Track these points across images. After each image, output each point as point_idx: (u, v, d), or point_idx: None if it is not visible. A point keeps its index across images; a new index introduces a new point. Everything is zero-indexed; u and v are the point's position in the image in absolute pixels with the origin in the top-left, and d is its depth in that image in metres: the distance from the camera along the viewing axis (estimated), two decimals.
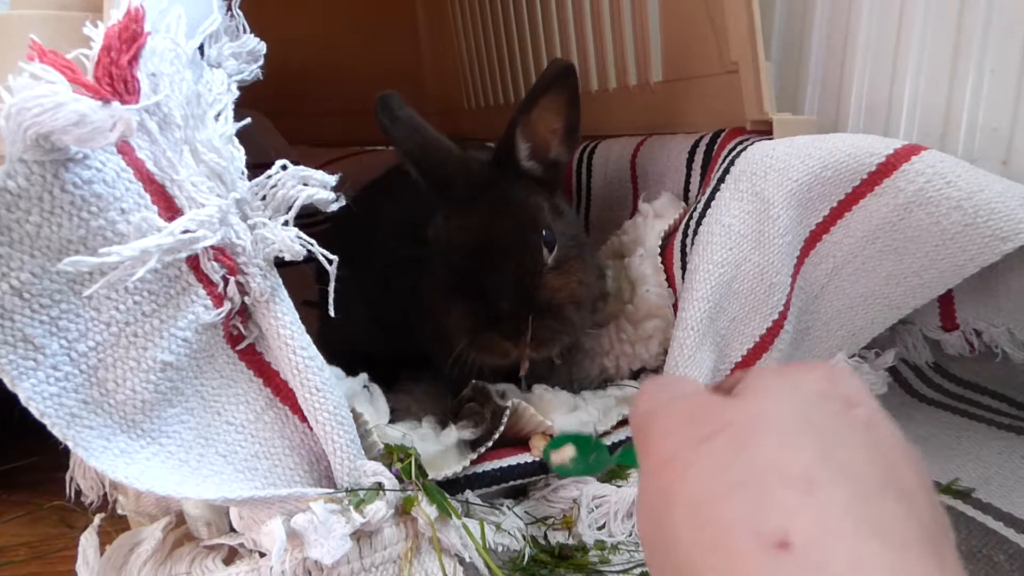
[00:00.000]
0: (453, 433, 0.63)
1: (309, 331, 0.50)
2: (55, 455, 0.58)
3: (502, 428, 0.63)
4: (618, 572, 0.59)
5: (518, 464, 0.65)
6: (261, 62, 0.56)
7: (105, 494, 0.61)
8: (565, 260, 0.70)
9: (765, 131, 0.76)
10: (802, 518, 0.22)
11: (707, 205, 0.70)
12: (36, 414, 0.37)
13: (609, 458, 0.63)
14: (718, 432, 0.26)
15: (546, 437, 0.65)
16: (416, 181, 0.74)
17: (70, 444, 0.38)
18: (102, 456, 0.39)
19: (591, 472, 0.63)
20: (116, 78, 0.36)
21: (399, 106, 0.75)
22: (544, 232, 0.68)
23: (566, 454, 0.60)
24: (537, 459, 0.64)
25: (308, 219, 0.87)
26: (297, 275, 0.75)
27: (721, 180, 0.70)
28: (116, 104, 0.33)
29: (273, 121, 1.50)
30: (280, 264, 0.49)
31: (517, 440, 0.68)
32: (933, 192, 0.61)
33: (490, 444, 0.62)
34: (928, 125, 0.77)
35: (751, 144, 0.71)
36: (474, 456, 0.61)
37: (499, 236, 0.68)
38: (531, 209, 0.70)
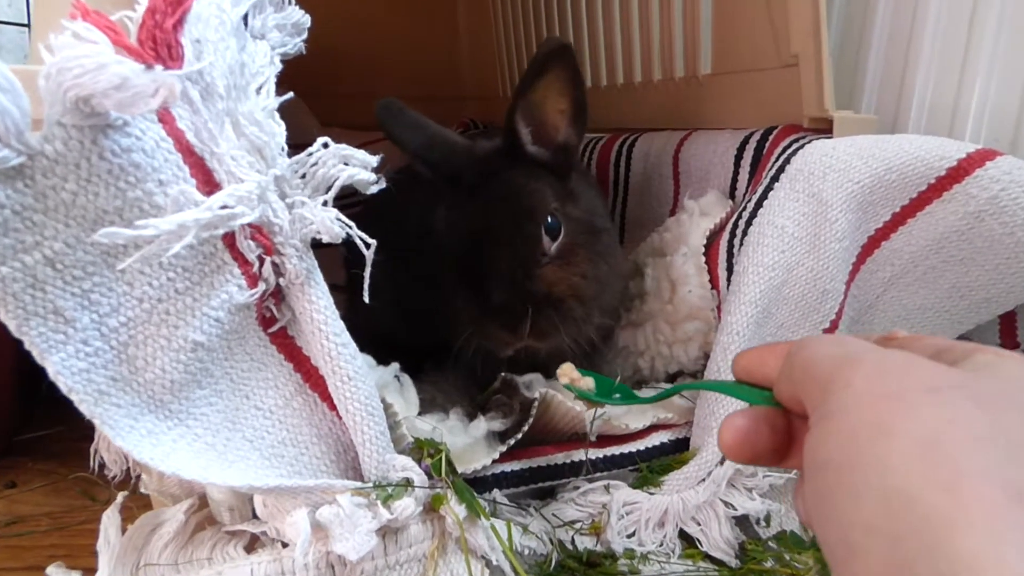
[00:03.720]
0: (482, 425, 0.61)
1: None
2: (81, 426, 0.57)
3: (531, 420, 0.61)
4: None
5: (548, 465, 0.63)
6: (305, 35, 0.54)
7: (128, 468, 0.61)
8: (570, 250, 0.68)
9: (823, 129, 0.72)
10: None
11: (759, 204, 0.67)
12: (64, 389, 0.35)
13: (636, 397, 0.58)
14: (953, 389, 0.25)
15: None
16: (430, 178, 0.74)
17: (97, 422, 0.36)
18: (128, 436, 0.38)
19: (610, 401, 0.58)
20: (160, 42, 0.34)
21: (400, 109, 0.75)
22: (549, 219, 0.66)
23: (586, 383, 0.58)
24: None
25: (340, 201, 0.86)
26: (325, 258, 0.74)
27: (775, 179, 0.67)
28: (159, 68, 0.31)
29: (308, 102, 1.49)
30: (311, 246, 0.47)
31: (548, 435, 0.66)
32: (1008, 201, 0.57)
33: (519, 436, 0.60)
34: (998, 129, 0.72)
35: (809, 142, 0.67)
36: (503, 448, 0.59)
37: (495, 225, 0.66)
38: (530, 196, 0.68)
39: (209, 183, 0.39)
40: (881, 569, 0.22)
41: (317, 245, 0.47)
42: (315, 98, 1.51)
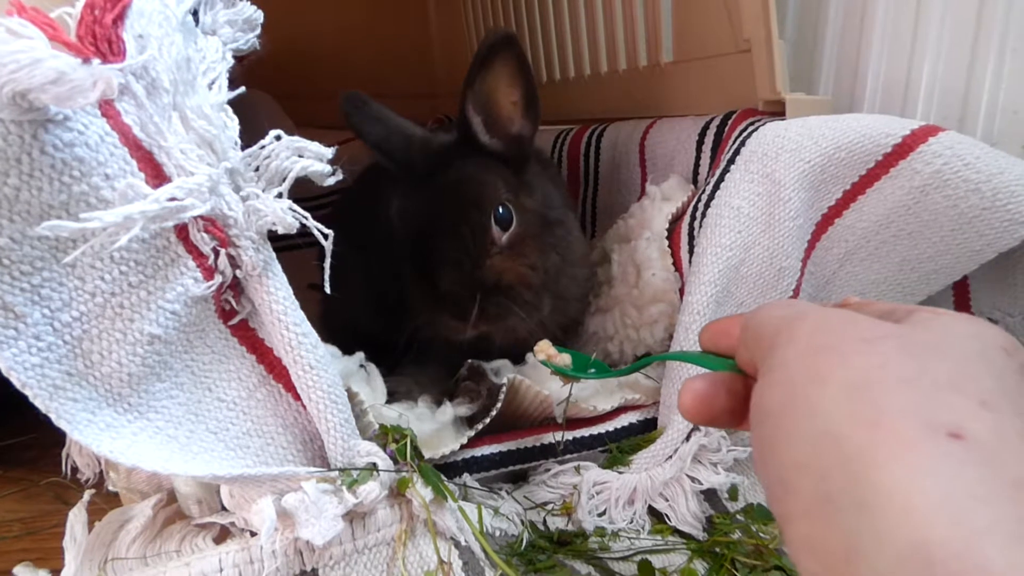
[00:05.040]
0: (449, 410, 0.62)
1: (313, 314, 0.49)
2: (52, 432, 0.57)
3: (499, 405, 0.62)
4: (617, 559, 0.58)
5: (518, 449, 0.64)
6: (258, 31, 0.54)
7: (101, 472, 0.61)
8: (521, 240, 0.69)
9: (778, 112, 0.74)
10: (977, 423, 0.22)
11: (716, 187, 0.68)
12: (17, 385, 0.36)
13: (610, 371, 0.59)
14: (886, 339, 0.26)
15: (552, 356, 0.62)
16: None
17: (52, 416, 0.37)
18: (86, 430, 0.38)
19: (586, 376, 0.57)
20: (99, 37, 0.34)
21: (363, 102, 0.75)
22: (500, 209, 0.67)
23: (563, 360, 0.57)
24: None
25: (313, 200, 0.86)
26: (302, 258, 0.75)
27: (731, 161, 0.68)
28: (97, 62, 0.32)
29: (283, 103, 1.49)
30: (287, 247, 0.48)
31: (518, 420, 0.67)
32: (951, 174, 0.59)
33: (487, 421, 0.61)
34: (947, 106, 0.74)
35: (762, 125, 0.69)
36: (471, 433, 0.60)
37: (442, 215, 0.68)
38: (480, 187, 0.69)
39: (159, 177, 0.40)
40: (809, 503, 0.23)
41: (294, 247, 0.47)
42: (291, 99, 1.51)
